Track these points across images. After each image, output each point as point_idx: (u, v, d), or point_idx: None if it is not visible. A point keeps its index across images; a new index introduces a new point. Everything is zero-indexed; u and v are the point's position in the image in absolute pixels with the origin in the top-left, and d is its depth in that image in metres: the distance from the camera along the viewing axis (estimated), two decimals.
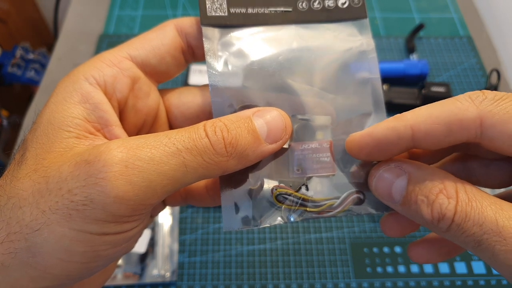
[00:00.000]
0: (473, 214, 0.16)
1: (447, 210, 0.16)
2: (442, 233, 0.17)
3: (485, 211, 0.16)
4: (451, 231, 0.17)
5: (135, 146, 0.17)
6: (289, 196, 0.21)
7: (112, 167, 0.16)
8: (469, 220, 0.16)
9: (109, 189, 0.16)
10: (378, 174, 0.19)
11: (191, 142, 0.18)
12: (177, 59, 0.23)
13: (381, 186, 0.19)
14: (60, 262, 0.17)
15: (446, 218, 0.16)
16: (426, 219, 0.17)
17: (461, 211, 0.16)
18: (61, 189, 0.16)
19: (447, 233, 0.17)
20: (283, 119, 0.21)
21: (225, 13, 0.23)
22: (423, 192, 0.17)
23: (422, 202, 0.17)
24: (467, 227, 0.16)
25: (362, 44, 0.23)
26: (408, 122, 0.18)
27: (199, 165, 0.18)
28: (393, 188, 0.18)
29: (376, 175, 0.19)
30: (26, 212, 0.17)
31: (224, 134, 0.18)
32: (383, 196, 0.19)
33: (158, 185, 0.17)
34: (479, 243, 0.16)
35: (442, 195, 0.17)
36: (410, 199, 0.18)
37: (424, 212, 0.17)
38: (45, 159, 0.18)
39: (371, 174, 0.20)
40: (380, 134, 0.18)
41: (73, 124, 0.19)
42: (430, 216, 0.17)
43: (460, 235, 0.16)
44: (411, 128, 0.17)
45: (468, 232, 0.16)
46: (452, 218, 0.16)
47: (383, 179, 0.19)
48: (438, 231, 0.17)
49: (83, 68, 0.21)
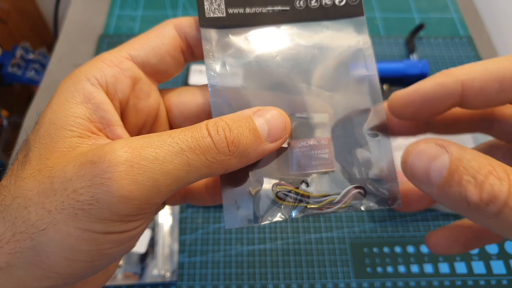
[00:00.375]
0: None
1: (500, 192, 0.15)
2: (488, 218, 0.16)
3: None
4: (503, 215, 0.15)
5: (139, 146, 0.17)
6: (289, 193, 0.21)
7: (117, 167, 0.16)
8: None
9: (115, 189, 0.16)
10: (416, 150, 0.17)
11: (194, 142, 0.18)
12: (176, 59, 0.23)
13: (418, 165, 0.17)
14: (65, 261, 0.17)
15: (499, 201, 0.15)
16: (471, 202, 0.15)
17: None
18: (66, 189, 0.17)
19: (495, 219, 0.15)
20: (283, 118, 0.21)
21: (223, 14, 0.23)
22: (470, 172, 0.16)
23: (469, 182, 0.15)
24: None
25: (359, 42, 0.23)
26: (458, 77, 0.17)
27: (202, 164, 0.18)
28: (432, 166, 0.16)
29: (414, 152, 0.17)
30: (32, 212, 0.17)
31: (227, 133, 0.18)
32: (419, 176, 0.17)
33: (162, 184, 0.17)
34: None
35: (492, 176, 0.15)
36: (453, 179, 0.16)
37: (471, 193, 0.15)
38: (49, 159, 0.18)
39: (407, 152, 0.18)
40: (428, 90, 0.18)
41: (75, 123, 0.19)
42: (477, 197, 0.15)
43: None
44: (462, 84, 0.17)
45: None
46: (504, 201, 0.15)
47: (422, 156, 0.17)
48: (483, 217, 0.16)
49: (85, 69, 0.21)
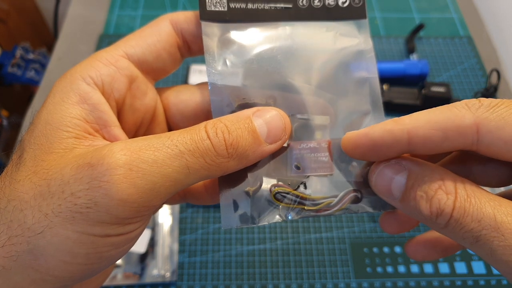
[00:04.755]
0: (472, 210, 0.16)
1: (445, 206, 0.16)
2: (441, 229, 0.17)
3: (483, 207, 0.16)
4: (450, 227, 0.17)
5: (138, 149, 0.17)
6: (288, 194, 0.21)
7: (116, 170, 0.16)
8: (467, 216, 0.16)
9: (114, 192, 0.16)
10: (378, 170, 0.19)
11: (193, 144, 0.18)
12: (173, 55, 0.23)
13: (380, 182, 0.19)
14: (63, 264, 0.17)
15: (445, 214, 0.16)
16: (424, 215, 0.17)
17: (459, 206, 0.16)
18: (63, 192, 0.16)
19: (445, 229, 0.17)
20: (282, 119, 0.21)
21: (225, 8, 0.23)
22: (422, 188, 0.17)
23: (421, 198, 0.17)
24: (465, 222, 0.16)
25: (361, 44, 0.23)
26: (405, 126, 0.18)
27: (201, 167, 0.18)
28: (392, 184, 0.18)
29: (376, 171, 0.19)
30: (28, 215, 0.16)
31: (225, 136, 0.18)
32: (383, 192, 0.19)
33: (161, 187, 0.17)
34: (477, 239, 0.16)
35: (441, 191, 0.17)
36: (409, 195, 0.18)
37: (423, 207, 0.17)
38: (45, 161, 0.18)
39: (371, 170, 0.20)
40: (376, 136, 0.18)
41: (72, 124, 0.19)
42: (428, 211, 0.17)
43: (459, 231, 0.16)
44: (408, 132, 0.17)
45: (467, 228, 0.16)
46: (450, 214, 0.16)
47: (383, 175, 0.19)
48: (437, 228, 0.18)
49: (80, 68, 0.20)
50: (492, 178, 0.21)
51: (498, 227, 0.15)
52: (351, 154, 0.20)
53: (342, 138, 0.20)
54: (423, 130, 0.17)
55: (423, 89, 0.59)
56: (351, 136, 0.19)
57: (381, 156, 0.19)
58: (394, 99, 0.59)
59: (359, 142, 0.19)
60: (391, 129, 0.18)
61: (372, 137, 0.18)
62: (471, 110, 0.17)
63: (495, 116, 0.16)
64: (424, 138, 0.17)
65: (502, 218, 0.15)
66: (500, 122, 0.16)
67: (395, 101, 0.59)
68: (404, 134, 0.18)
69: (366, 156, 0.20)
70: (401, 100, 0.59)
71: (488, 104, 0.17)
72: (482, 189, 0.17)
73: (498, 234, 0.15)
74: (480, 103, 0.17)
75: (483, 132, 0.17)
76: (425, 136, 0.17)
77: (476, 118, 0.17)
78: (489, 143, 0.17)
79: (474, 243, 0.16)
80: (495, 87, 0.61)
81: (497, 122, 0.16)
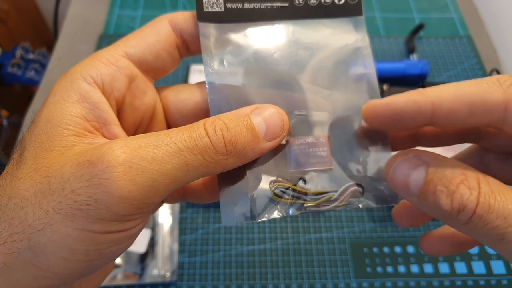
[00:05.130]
0: (497, 206, 0.15)
1: (468, 201, 0.16)
2: (461, 225, 0.17)
3: (510, 203, 0.15)
4: (472, 224, 0.16)
5: (137, 146, 0.17)
6: (287, 190, 0.21)
7: (116, 167, 0.16)
8: (492, 212, 0.15)
9: (114, 190, 0.16)
10: (395, 164, 0.18)
11: (192, 141, 0.18)
12: (172, 55, 0.23)
13: (398, 176, 0.18)
14: (64, 261, 0.17)
15: (467, 210, 0.16)
16: (445, 211, 0.16)
17: (483, 202, 0.16)
18: (64, 190, 0.17)
19: (466, 226, 0.16)
20: (281, 116, 0.21)
21: (222, 9, 0.23)
22: (443, 182, 0.16)
23: (442, 192, 0.16)
24: (490, 219, 0.15)
25: (357, 41, 0.23)
26: (430, 97, 0.17)
27: (200, 164, 0.18)
28: (411, 178, 0.18)
29: (394, 165, 0.19)
30: (29, 212, 0.17)
31: (224, 133, 0.18)
32: (400, 186, 0.18)
33: (160, 185, 0.17)
34: (502, 237, 0.15)
35: (463, 185, 0.16)
36: (428, 189, 0.17)
37: (443, 203, 0.16)
38: (45, 159, 0.18)
39: (387, 164, 0.19)
40: (399, 105, 0.18)
41: (72, 122, 0.19)
42: (449, 207, 0.16)
43: (482, 228, 0.16)
44: (432, 104, 0.17)
45: (491, 225, 0.15)
46: (473, 210, 0.16)
47: (400, 169, 0.18)
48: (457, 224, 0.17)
49: (80, 67, 0.21)
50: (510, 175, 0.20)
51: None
52: (372, 122, 0.20)
53: (363, 106, 0.20)
54: (448, 103, 0.17)
55: None
56: (373, 104, 0.19)
57: (402, 127, 0.19)
58: None
59: (381, 111, 0.19)
60: (415, 100, 0.17)
61: (395, 106, 0.18)
62: (503, 86, 0.16)
63: None
64: (449, 111, 0.17)
65: None
66: None
67: None
68: (428, 106, 0.17)
69: (386, 125, 0.19)
70: None
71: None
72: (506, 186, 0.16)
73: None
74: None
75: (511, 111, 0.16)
76: (450, 109, 0.17)
77: (507, 96, 0.16)
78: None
79: (498, 241, 0.16)
80: None
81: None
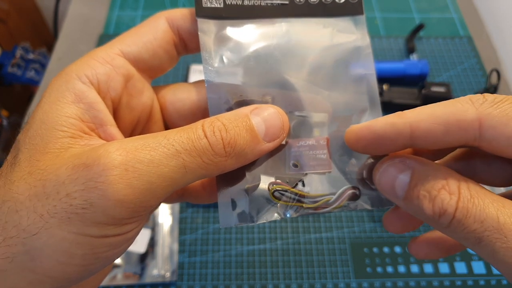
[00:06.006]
0: (475, 211, 0.16)
1: (448, 206, 0.16)
2: (443, 229, 0.17)
3: (487, 208, 0.16)
4: (452, 227, 0.17)
5: (134, 148, 0.17)
6: (286, 192, 0.21)
7: (112, 170, 0.16)
8: (470, 217, 0.16)
9: (110, 193, 0.16)
10: (382, 168, 0.19)
11: (190, 143, 0.18)
12: (169, 53, 0.23)
13: (384, 180, 0.19)
14: (60, 266, 0.17)
15: (447, 214, 0.16)
16: (427, 215, 0.17)
17: (462, 207, 0.16)
18: (59, 193, 0.16)
19: (448, 229, 0.17)
20: (281, 116, 0.21)
21: (221, 5, 0.22)
22: (426, 187, 0.17)
23: (424, 197, 0.17)
24: (468, 223, 0.16)
25: (357, 40, 0.23)
26: (407, 119, 0.18)
27: (199, 166, 0.18)
28: (396, 182, 0.18)
29: (381, 169, 0.19)
30: (23, 216, 0.16)
31: (223, 134, 0.18)
32: (386, 190, 0.19)
33: (158, 187, 0.17)
34: (479, 240, 0.16)
35: (444, 190, 0.17)
36: (413, 194, 0.18)
37: (426, 207, 0.17)
38: (40, 161, 0.17)
39: (375, 169, 0.20)
40: (379, 129, 0.18)
41: (67, 123, 0.18)
42: (431, 211, 0.17)
43: (461, 232, 0.16)
44: (410, 126, 0.17)
45: (469, 229, 0.16)
46: (453, 214, 0.16)
47: (387, 173, 0.19)
48: (440, 227, 0.18)
49: (76, 67, 0.20)
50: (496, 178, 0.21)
51: (501, 228, 0.15)
52: (354, 147, 0.20)
53: (345, 131, 0.20)
54: (425, 124, 0.17)
55: (423, 89, 0.59)
56: (354, 129, 0.19)
57: (384, 150, 0.19)
58: (394, 99, 0.59)
59: (362, 135, 0.19)
60: (393, 122, 0.18)
61: (374, 129, 0.18)
62: (475, 105, 0.17)
63: (499, 112, 0.16)
64: (426, 132, 0.17)
65: (505, 220, 0.15)
66: (503, 118, 0.16)
67: (395, 101, 0.59)
68: (407, 128, 0.18)
69: (369, 149, 0.20)
70: (401, 100, 0.59)
71: (493, 99, 0.17)
72: (486, 189, 0.17)
73: (500, 236, 0.15)
74: (484, 99, 0.17)
75: (485, 128, 0.16)
76: (427, 130, 0.17)
77: (479, 114, 0.16)
78: (491, 139, 0.16)
79: (476, 244, 0.16)
80: (495, 87, 0.61)
81: (500, 118, 0.16)
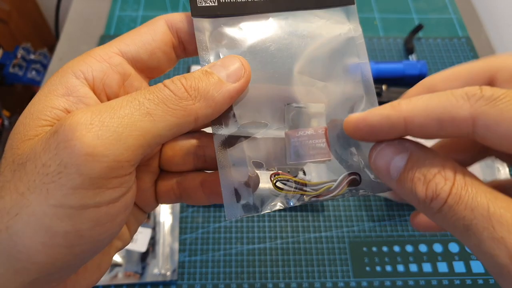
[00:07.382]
0: (467, 198, 0.16)
1: (442, 191, 0.16)
2: (433, 214, 0.17)
3: (479, 196, 0.16)
4: (442, 213, 0.17)
5: (98, 109, 0.18)
6: (288, 181, 0.21)
7: (78, 126, 0.17)
8: (461, 203, 0.16)
9: (79, 148, 0.16)
10: (379, 148, 0.19)
11: (152, 94, 0.18)
12: (168, 55, 0.23)
13: (379, 161, 0.19)
14: (43, 248, 0.17)
15: (440, 198, 0.16)
16: (419, 197, 0.17)
17: (455, 193, 0.16)
18: (36, 166, 0.17)
19: (437, 215, 0.17)
20: (237, 58, 0.21)
21: (215, 3, 0.23)
22: (422, 171, 0.17)
23: (419, 180, 0.17)
24: (458, 209, 0.16)
25: (350, 30, 0.24)
26: (402, 113, 0.18)
27: (165, 112, 0.18)
28: (392, 163, 0.18)
29: (377, 149, 0.19)
30: (7, 200, 0.17)
31: (183, 81, 0.19)
32: (381, 170, 0.19)
33: (128, 137, 0.17)
34: (467, 228, 0.16)
35: (439, 175, 0.17)
36: (407, 176, 0.18)
37: (419, 190, 0.17)
38: (19, 148, 0.18)
39: (372, 148, 0.20)
40: (373, 121, 0.18)
41: (52, 114, 0.19)
42: (423, 194, 0.17)
43: (450, 218, 0.16)
44: (404, 119, 0.18)
45: (459, 215, 0.16)
46: (445, 199, 0.16)
47: (383, 153, 0.19)
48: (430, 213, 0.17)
49: (72, 63, 0.21)
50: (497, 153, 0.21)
51: (490, 218, 0.15)
52: (353, 136, 0.20)
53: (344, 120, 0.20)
54: (418, 119, 0.17)
55: None
56: (351, 119, 0.20)
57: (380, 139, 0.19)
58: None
59: (358, 126, 0.19)
60: (387, 115, 0.18)
61: (369, 121, 0.19)
62: (470, 101, 0.16)
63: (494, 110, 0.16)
64: (420, 126, 0.17)
65: (495, 210, 0.15)
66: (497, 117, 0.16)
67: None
68: (401, 120, 0.18)
69: (366, 139, 0.20)
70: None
71: (490, 96, 0.16)
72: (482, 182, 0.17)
73: (488, 225, 0.15)
74: (481, 94, 0.16)
75: (478, 126, 0.16)
76: (421, 124, 0.17)
77: (473, 112, 0.16)
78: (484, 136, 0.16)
79: (464, 232, 0.16)
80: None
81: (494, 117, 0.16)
